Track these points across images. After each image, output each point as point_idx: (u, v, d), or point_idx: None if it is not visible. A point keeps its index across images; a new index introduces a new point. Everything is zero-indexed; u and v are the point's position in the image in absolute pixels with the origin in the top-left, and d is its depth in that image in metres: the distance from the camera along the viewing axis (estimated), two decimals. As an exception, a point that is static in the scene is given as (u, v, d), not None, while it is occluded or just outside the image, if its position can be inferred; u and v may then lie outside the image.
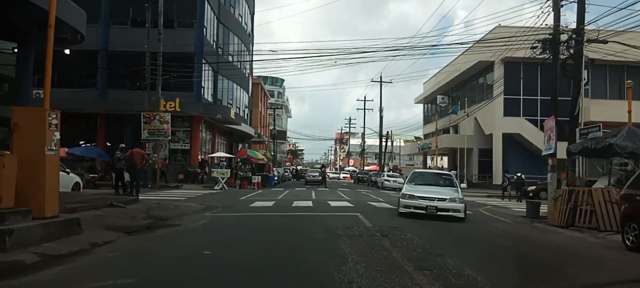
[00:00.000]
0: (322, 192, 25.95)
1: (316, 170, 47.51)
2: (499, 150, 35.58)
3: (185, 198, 18.91)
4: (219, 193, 24.44)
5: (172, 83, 30.62)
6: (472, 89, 40.54)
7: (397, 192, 31.69)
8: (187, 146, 31.16)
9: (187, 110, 29.37)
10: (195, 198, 19.32)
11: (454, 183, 14.03)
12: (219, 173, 28.04)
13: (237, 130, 41.45)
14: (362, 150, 66.28)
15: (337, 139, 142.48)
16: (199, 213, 12.92)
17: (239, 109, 41.65)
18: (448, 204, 12.49)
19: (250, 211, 13.89)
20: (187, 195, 21.27)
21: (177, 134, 31.26)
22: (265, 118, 75.05)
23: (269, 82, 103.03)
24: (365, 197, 22.23)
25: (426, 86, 54.44)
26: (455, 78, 42.37)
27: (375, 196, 23.36)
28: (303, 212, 13.65)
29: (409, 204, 12.73)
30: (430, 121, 53.53)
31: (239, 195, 21.45)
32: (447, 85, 45.37)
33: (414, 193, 12.80)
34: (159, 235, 9.04)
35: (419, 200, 12.57)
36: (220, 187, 27.74)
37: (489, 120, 36.14)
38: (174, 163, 31.12)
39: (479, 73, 39.25)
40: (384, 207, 15.93)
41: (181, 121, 31.24)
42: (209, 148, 35.10)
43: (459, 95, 44.44)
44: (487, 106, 36.00)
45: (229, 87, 39.02)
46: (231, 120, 33.25)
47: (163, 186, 27.39)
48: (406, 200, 12.83)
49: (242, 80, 43.54)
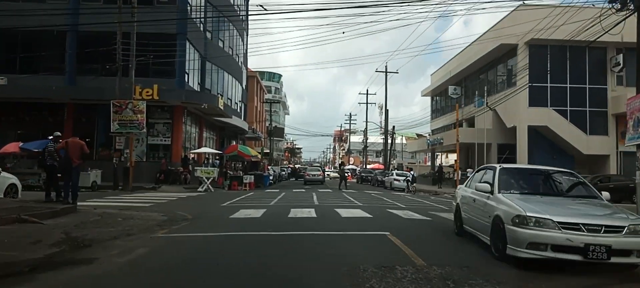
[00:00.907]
0: (326, 195, 21.82)
1: (316, 168, 43.41)
2: (524, 145, 31.47)
3: (152, 204, 14.78)
4: (201, 196, 20.29)
5: (151, 68, 26.57)
6: (491, 78, 36.38)
7: (411, 194, 28.15)
8: (168, 141, 26.98)
9: (166, 98, 25.21)
10: (165, 204, 15.19)
11: (595, 192, 7.53)
12: (203, 172, 23.90)
13: (229, 124, 37.26)
14: (365, 147, 62.10)
15: (336, 137, 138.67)
16: (150, 231, 8.79)
17: (230, 100, 37.46)
18: (629, 240, 5.90)
19: (226, 228, 9.67)
20: (159, 199, 17.14)
21: (156, 126, 27.10)
22: (262, 113, 70.84)
23: (266, 77, 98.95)
24: (379, 201, 18.10)
25: (435, 77, 50.30)
26: (470, 66, 38.23)
27: (391, 200, 19.24)
28: (303, 229, 9.51)
29: (541, 240, 5.86)
30: (439, 115, 49.46)
31: (223, 200, 17.32)
32: (460, 75, 41.21)
33: (547, 217, 5.96)
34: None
35: (567, 231, 5.81)
36: (205, 189, 23.61)
37: (512, 111, 32.01)
38: (152, 161, 26.94)
39: (497, 59, 35.11)
40: (413, 218, 11.75)
41: (161, 112, 27.06)
42: (195, 144, 30.92)
43: (473, 85, 40.31)
44: (508, 96, 31.89)
45: (219, 77, 34.85)
46: (220, 112, 29.08)
47: (138, 188, 23.32)
48: (531, 231, 5.92)
49: (235, 70, 39.35)
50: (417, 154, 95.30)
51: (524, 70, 30.29)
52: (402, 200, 18.94)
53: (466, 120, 40.94)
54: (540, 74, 31.10)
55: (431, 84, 51.37)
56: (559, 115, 31.54)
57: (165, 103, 26.10)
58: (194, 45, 28.71)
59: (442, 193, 28.66)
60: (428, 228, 10.05)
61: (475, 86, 39.39)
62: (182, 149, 27.14)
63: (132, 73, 22.63)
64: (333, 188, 30.93)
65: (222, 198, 18.63)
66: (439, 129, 48.11)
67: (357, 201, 17.56)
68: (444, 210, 14.55)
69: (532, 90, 31.07)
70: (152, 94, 24.58)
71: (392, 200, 18.70)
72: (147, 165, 26.57)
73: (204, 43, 31.05)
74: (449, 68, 44.23)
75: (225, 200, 17.20)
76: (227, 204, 15.39)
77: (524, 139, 31.51)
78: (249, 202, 16.32)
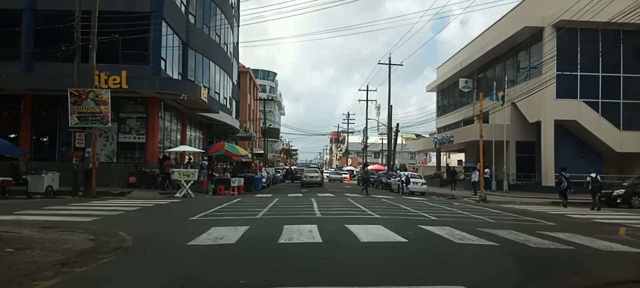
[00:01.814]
0: (328, 201, 17.95)
1: (314, 169, 39.57)
2: (549, 142, 27.76)
3: (98, 218, 10.90)
4: (174, 204, 16.40)
5: (122, 53, 22.73)
6: (510, 68, 32.63)
7: (428, 199, 23.55)
8: (142, 138, 23.03)
9: (137, 87, 21.30)
10: (115, 218, 11.31)
11: None
12: (181, 174, 20.00)
13: (218, 122, 33.39)
14: (365, 147, 58.27)
15: (333, 138, 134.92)
16: (32, 277, 4.96)
17: (218, 94, 33.59)
18: None
19: (167, 271, 5.78)
20: (116, 209, 13.27)
21: (128, 122, 23.16)
22: (255, 112, 66.93)
23: (260, 75, 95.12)
24: (399, 211, 14.25)
25: (441, 71, 46.58)
26: (485, 55, 34.51)
27: (412, 208, 15.38)
28: (303, 268, 5.68)
29: None
30: (446, 111, 45.73)
31: (198, 209, 13.45)
32: (472, 66, 37.48)
33: None
34: None
35: None
36: (183, 194, 19.72)
37: (536, 104, 28.25)
38: (124, 161, 23.00)
39: (518, 46, 31.41)
40: (471, 242, 7.80)
41: (134, 105, 23.15)
42: (176, 143, 26.99)
43: (488, 77, 36.62)
44: (532, 88, 28.20)
45: (205, 68, 30.96)
46: (203, 105, 25.16)
47: (103, 193, 19.47)
48: None
49: (223, 62, 35.46)
50: (416, 155, 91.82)
51: (551, 58, 26.59)
52: (427, 209, 15.11)
53: (477, 116, 37.19)
54: (569, 62, 27.44)
55: (437, 78, 47.67)
56: (590, 108, 27.87)
57: (137, 93, 22.21)
58: (173, 28, 24.79)
59: (460, 196, 24.88)
60: (511, 264, 6.19)
61: (490, 78, 35.69)
62: (159, 148, 23.17)
63: (92, 56, 18.73)
64: (334, 192, 27.07)
65: (198, 206, 14.76)
66: (446, 126, 44.37)
67: (371, 210, 13.71)
68: (494, 225, 10.75)
69: (560, 81, 27.41)
70: (120, 82, 20.69)
71: (414, 209, 14.88)
72: (119, 166, 22.64)
73: (186, 27, 27.16)
74: (458, 59, 40.50)
75: (202, 209, 13.33)
76: (199, 217, 11.52)
77: (550, 135, 27.81)
78: (230, 214, 12.46)
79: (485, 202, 20.68)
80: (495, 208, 17.20)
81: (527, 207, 18.29)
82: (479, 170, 27.45)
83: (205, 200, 18.45)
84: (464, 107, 39.98)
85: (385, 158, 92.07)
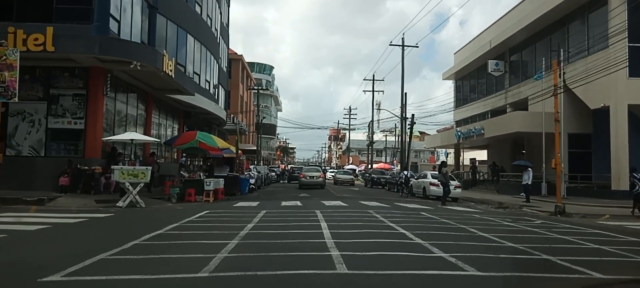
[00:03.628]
0: (341, 217, 11.67)
1: (314, 168, 33.32)
2: (623, 134, 21.50)
3: None
4: (102, 221, 10.22)
5: (56, 8, 16.56)
6: (558, 43, 26.39)
7: (471, 208, 16.83)
8: (81, 124, 16.71)
9: (69, 49, 14.99)
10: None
11: None
12: (126, 174, 13.72)
13: (199, 110, 27.13)
14: (371, 143, 51.95)
15: (332, 136, 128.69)
16: None
17: (197, 75, 27.33)
18: None
19: None
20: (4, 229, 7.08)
21: (61, 101, 16.83)
22: (249, 104, 60.60)
23: (256, 68, 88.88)
24: (471, 238, 8.08)
25: (460, 56, 40.30)
26: (522, 31, 28.29)
27: (491, 232, 9.12)
28: None
29: None
30: (466, 102, 39.50)
31: (119, 237, 7.37)
32: (503, 45, 31.24)
33: None
34: None
35: None
36: (127, 203, 13.52)
37: (600, 86, 21.95)
38: (57, 155, 16.69)
39: (570, 16, 25.23)
40: None
41: (70, 78, 16.82)
42: (135, 131, 20.68)
43: (524, 58, 30.44)
44: (590, 65, 22.06)
45: (180, 41, 24.70)
46: (170, 82, 18.83)
47: (11, 200, 13.35)
48: None
49: (206, 38, 29.23)
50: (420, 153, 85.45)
51: (620, 26, 20.45)
52: (505, 232, 9.00)
53: (511, 104, 31.07)
54: (645, 30, 21.27)
55: (455, 64, 41.38)
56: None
57: (72, 61, 15.91)
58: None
59: (511, 204, 18.70)
60: None
61: (529, 58, 29.50)
62: (102, 137, 16.79)
63: None
64: (343, 197, 20.86)
65: (130, 228, 8.67)
66: (467, 119, 38.14)
67: (422, 238, 7.56)
68: None
69: (634, 54, 21.22)
70: (45, 42, 14.43)
71: (472, 227, 8.78)
72: (48, 163, 16.33)
73: (151, -18, 20.89)
74: (484, 39, 34.24)
75: (127, 235, 7.29)
76: (105, 257, 5.33)
77: (623, 124, 21.58)
78: (168, 250, 6.37)
79: (565, 215, 14.49)
80: (599, 228, 11.01)
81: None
82: (531, 170, 21.35)
83: (155, 214, 12.22)
84: (492, 96, 33.77)
85: (389, 157, 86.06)
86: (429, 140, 45.43)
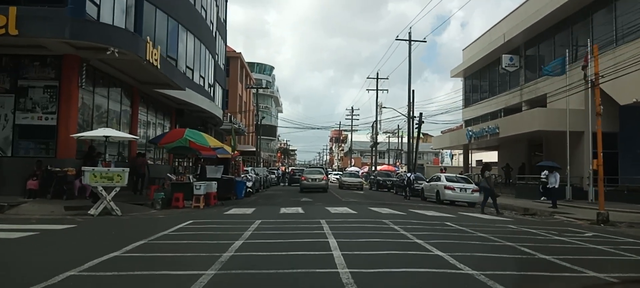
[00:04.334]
0: (353, 230, 9.65)
1: (317, 170, 31.27)
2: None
3: None
4: (62, 233, 8.20)
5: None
6: (579, 34, 24.37)
7: (495, 215, 14.33)
8: (52, 120, 14.70)
9: (36, 31, 12.96)
10: None
11: None
12: (98, 177, 11.71)
13: (191, 107, 25.11)
14: (375, 144, 49.90)
15: (333, 137, 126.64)
16: None
17: (190, 70, 25.36)
18: None
19: None
20: None
21: (31, 93, 14.83)
22: (248, 104, 58.61)
23: (256, 69, 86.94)
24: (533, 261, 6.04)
25: (469, 52, 38.29)
26: (540, 22, 26.27)
27: (550, 253, 7.10)
28: None
29: None
30: (476, 100, 37.48)
31: (71, 256, 5.32)
32: (518, 39, 29.21)
33: None
34: None
35: None
36: (100, 210, 11.55)
37: (629, 81, 19.90)
38: (24, 155, 14.69)
39: (592, 5, 23.21)
40: None
41: (40, 68, 14.83)
42: (120, 130, 18.69)
43: (541, 51, 28.42)
44: (620, 58, 20.07)
45: (171, 32, 22.72)
46: (156, 74, 16.82)
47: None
48: None
49: (201, 31, 27.28)
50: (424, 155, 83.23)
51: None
52: (543, 246, 7.05)
53: (527, 102, 29.03)
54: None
55: (463, 61, 39.36)
56: None
57: (41, 46, 13.91)
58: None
59: (539, 210, 16.67)
60: None
61: (547, 52, 27.49)
62: (76, 134, 14.77)
63: None
64: (350, 202, 18.85)
65: (86, 246, 6.70)
66: (479, 117, 36.12)
67: (454, 257, 5.66)
68: None
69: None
70: (7, 24, 12.44)
71: (521, 245, 6.88)
72: (15, 163, 14.34)
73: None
74: (497, 33, 32.21)
75: (75, 261, 5.30)
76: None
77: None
78: (122, 280, 4.32)
79: (609, 224, 12.48)
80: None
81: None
82: (557, 172, 19.30)
83: (127, 225, 10.22)
84: (506, 93, 31.74)
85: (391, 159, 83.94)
86: (437, 141, 43.33)
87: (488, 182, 16.31)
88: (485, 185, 16.36)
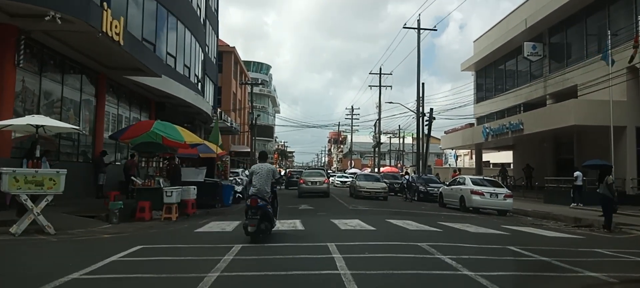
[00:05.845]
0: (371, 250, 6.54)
1: (317, 172, 27.97)
2: None
3: None
4: None
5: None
6: (619, 16, 21.22)
7: (537, 224, 11.32)
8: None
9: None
10: None
11: None
12: (22, 182, 8.49)
13: (173, 99, 21.85)
14: (378, 144, 46.67)
15: (332, 139, 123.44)
16: None
17: (172, 58, 22.17)
18: None
19: None
20: None
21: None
22: (243, 102, 55.33)
23: (252, 67, 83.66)
24: None
25: (481, 43, 35.13)
26: (567, 5, 23.13)
27: None
28: None
29: None
30: (490, 95, 34.33)
31: None
32: (541, 24, 26.03)
33: None
34: None
35: None
36: (25, 227, 8.29)
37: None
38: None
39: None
40: None
41: (-35, 41, 11.57)
42: (87, 124, 15.44)
43: (566, 39, 25.27)
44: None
45: (148, 15, 19.54)
46: (119, 53, 13.57)
47: None
48: None
49: (186, 16, 24.13)
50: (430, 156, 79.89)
51: None
52: None
53: (552, 95, 25.88)
54: None
55: (475, 54, 36.20)
56: None
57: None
58: None
59: (591, 219, 13.47)
60: None
61: (576, 38, 24.34)
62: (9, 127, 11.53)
63: None
64: (356, 208, 15.61)
65: None
66: (493, 113, 32.96)
67: None
68: None
69: None
70: None
71: None
72: None
73: None
74: (516, 19, 29.04)
75: None
76: None
77: None
78: None
79: None
80: None
81: None
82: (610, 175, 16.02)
83: (43, 253, 6.98)
84: (526, 85, 28.54)
85: (393, 160, 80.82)
86: (446, 140, 40.08)
87: (609, 190, 12.53)
88: (607, 194, 12.47)
